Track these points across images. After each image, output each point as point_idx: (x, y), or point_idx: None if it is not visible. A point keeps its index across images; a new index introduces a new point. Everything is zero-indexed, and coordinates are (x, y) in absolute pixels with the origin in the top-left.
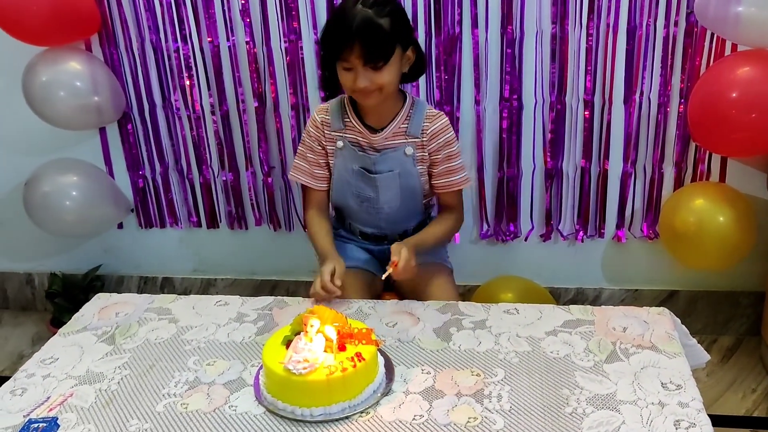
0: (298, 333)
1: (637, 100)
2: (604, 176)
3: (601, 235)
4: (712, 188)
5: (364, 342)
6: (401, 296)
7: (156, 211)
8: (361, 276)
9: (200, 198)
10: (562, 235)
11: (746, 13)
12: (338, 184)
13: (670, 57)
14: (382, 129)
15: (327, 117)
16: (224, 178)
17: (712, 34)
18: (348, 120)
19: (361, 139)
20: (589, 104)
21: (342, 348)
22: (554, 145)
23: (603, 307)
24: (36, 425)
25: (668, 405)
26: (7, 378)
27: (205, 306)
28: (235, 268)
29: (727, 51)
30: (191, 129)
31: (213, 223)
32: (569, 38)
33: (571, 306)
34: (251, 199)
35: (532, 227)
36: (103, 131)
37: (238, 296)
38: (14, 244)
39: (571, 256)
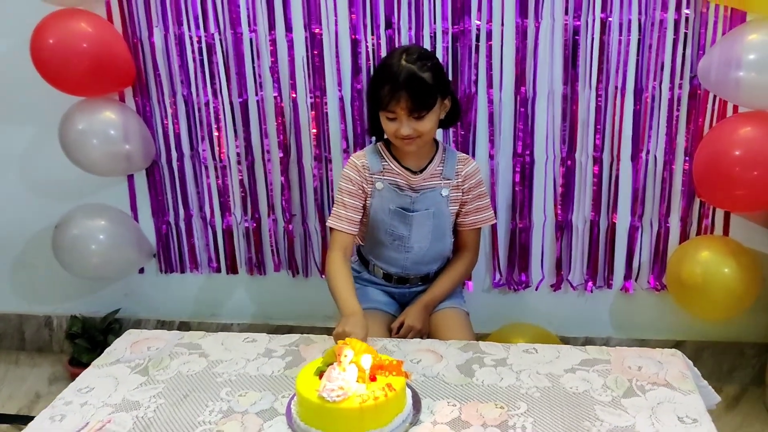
0: (330, 364)
1: (644, 157)
2: (612, 229)
3: (610, 286)
4: (716, 241)
5: (394, 373)
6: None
7: (177, 257)
8: (381, 317)
9: (221, 244)
10: (571, 285)
11: (746, 78)
12: (373, 222)
13: (675, 117)
14: (420, 171)
15: (366, 161)
16: (246, 225)
17: (715, 96)
18: (386, 163)
19: (400, 180)
20: (598, 160)
21: (373, 379)
22: (564, 199)
23: (618, 348)
24: None
25: None
26: (25, 417)
27: (233, 342)
28: (252, 312)
29: (729, 112)
30: (217, 177)
31: (233, 268)
32: (579, 98)
33: (587, 347)
34: (271, 246)
35: (543, 277)
36: (131, 178)
37: (266, 333)
38: (35, 287)
39: (581, 306)
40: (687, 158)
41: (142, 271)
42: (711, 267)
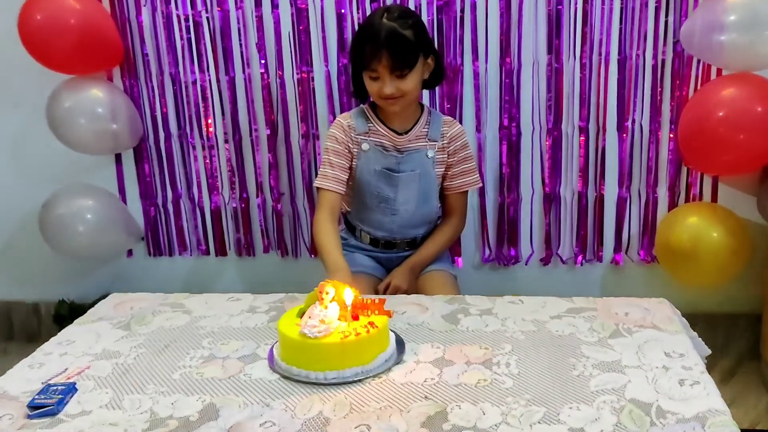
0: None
1: (630, 126)
2: (600, 201)
3: (600, 259)
4: (705, 207)
5: (376, 312)
6: None
7: (166, 239)
8: (367, 279)
9: (210, 226)
10: (561, 259)
11: (729, 39)
12: (359, 184)
13: (659, 85)
14: (406, 132)
15: (352, 122)
16: (234, 205)
17: (699, 62)
18: (372, 125)
19: (386, 141)
20: (584, 131)
21: (355, 318)
22: (552, 171)
23: (604, 298)
24: (54, 387)
25: (672, 368)
26: None
27: (218, 301)
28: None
29: (713, 76)
30: (204, 157)
31: (222, 250)
32: (564, 68)
33: (573, 297)
34: (261, 226)
35: (532, 251)
36: (119, 161)
37: (250, 293)
38: (23, 274)
39: (571, 280)
40: (672, 126)
41: (130, 254)
42: (700, 231)
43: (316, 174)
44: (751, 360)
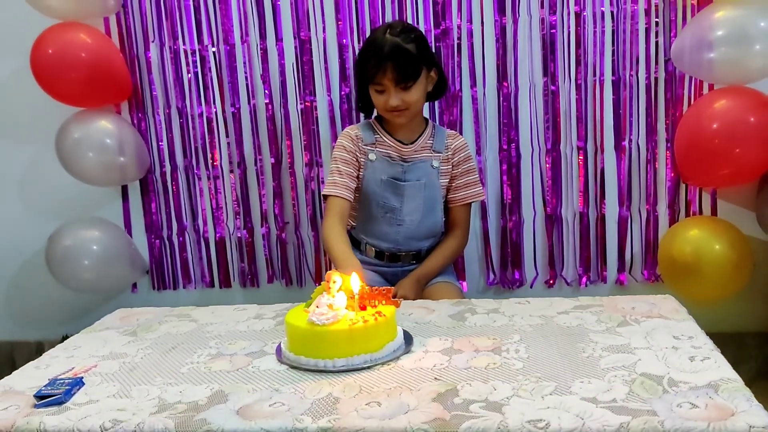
0: None
1: (627, 146)
2: (602, 220)
3: (604, 280)
4: (705, 220)
5: (384, 302)
6: None
7: (170, 273)
8: None
9: (214, 257)
10: (566, 281)
11: (718, 54)
12: (365, 195)
13: (653, 103)
14: (411, 143)
15: (359, 132)
16: (239, 235)
17: (691, 81)
18: (378, 136)
19: (392, 152)
20: (582, 151)
21: (363, 308)
22: (553, 191)
23: (610, 296)
24: (61, 381)
25: (681, 348)
26: None
27: (224, 311)
28: None
29: (705, 92)
30: (210, 188)
31: (226, 282)
32: (560, 90)
33: (579, 297)
34: (265, 256)
35: (537, 274)
36: (125, 195)
37: (256, 304)
38: (27, 312)
39: None
40: (668, 144)
41: (134, 288)
42: (702, 244)
43: (321, 202)
44: (762, 379)
